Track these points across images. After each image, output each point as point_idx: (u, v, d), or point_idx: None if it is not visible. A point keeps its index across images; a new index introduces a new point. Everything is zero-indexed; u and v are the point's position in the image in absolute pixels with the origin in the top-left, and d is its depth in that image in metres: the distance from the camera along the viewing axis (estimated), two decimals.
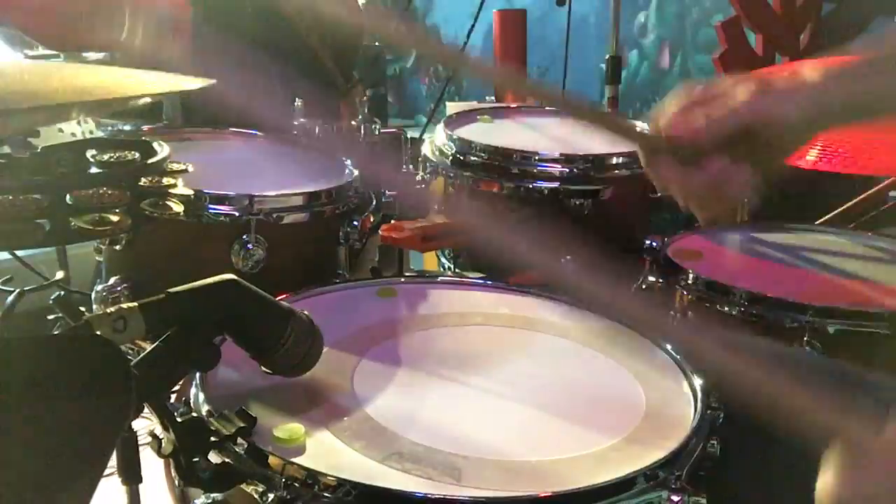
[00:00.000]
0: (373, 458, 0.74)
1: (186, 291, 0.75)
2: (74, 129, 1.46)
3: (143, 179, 0.84)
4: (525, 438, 0.80)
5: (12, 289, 1.37)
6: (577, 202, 1.39)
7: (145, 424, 0.72)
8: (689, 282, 1.23)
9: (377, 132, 1.57)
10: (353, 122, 1.56)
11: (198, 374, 0.81)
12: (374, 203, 1.39)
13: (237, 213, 1.18)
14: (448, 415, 0.83)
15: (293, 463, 0.70)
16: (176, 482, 0.78)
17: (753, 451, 0.90)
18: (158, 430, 0.72)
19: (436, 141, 1.55)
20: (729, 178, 0.76)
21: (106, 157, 0.84)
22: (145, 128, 1.45)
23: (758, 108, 0.75)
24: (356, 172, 1.37)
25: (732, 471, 0.81)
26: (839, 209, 1.82)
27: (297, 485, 0.68)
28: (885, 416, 0.83)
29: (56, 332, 1.27)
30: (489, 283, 1.15)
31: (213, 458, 0.72)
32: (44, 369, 0.60)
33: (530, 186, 1.41)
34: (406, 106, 4.42)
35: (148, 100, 0.83)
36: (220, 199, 1.18)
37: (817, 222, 1.64)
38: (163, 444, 0.72)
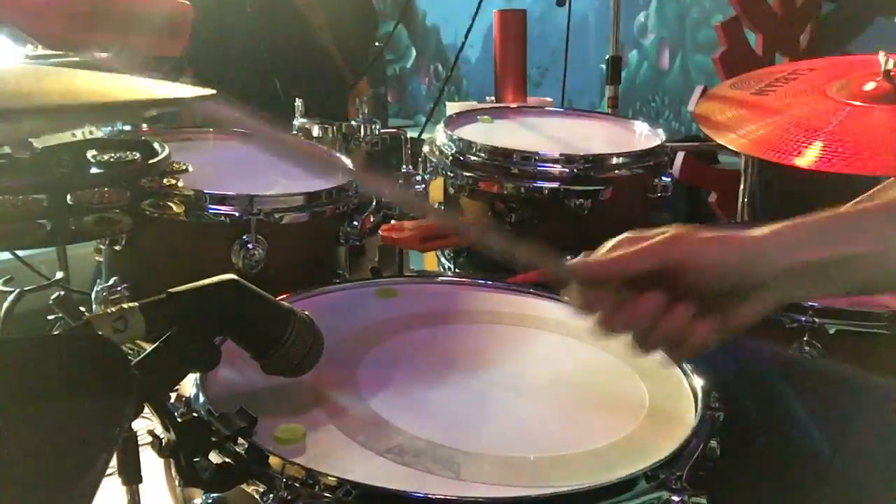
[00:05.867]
0: (374, 451, 0.74)
1: (186, 291, 0.75)
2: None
3: (143, 179, 0.84)
4: (525, 435, 0.80)
5: (12, 289, 1.37)
6: (577, 202, 1.39)
7: (145, 424, 0.72)
8: None
9: (377, 132, 1.56)
10: (352, 123, 1.55)
11: (198, 374, 0.81)
12: (374, 203, 1.39)
13: (237, 213, 1.18)
14: (449, 411, 0.83)
15: (293, 463, 0.70)
16: (176, 482, 0.78)
17: (753, 451, 0.90)
18: (158, 430, 0.72)
19: (436, 141, 1.55)
20: (665, 316, 0.73)
21: (106, 157, 0.84)
22: (145, 128, 1.45)
23: (670, 247, 0.73)
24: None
25: (732, 471, 0.81)
26: None
27: (297, 485, 0.68)
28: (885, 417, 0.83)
29: (56, 332, 1.27)
30: (489, 282, 1.15)
31: (214, 458, 0.72)
32: (44, 369, 0.60)
33: (530, 186, 1.41)
34: (406, 106, 4.42)
35: (154, 112, 0.83)
36: (220, 199, 1.18)
37: None
38: (163, 444, 0.72)
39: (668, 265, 0.73)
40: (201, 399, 0.79)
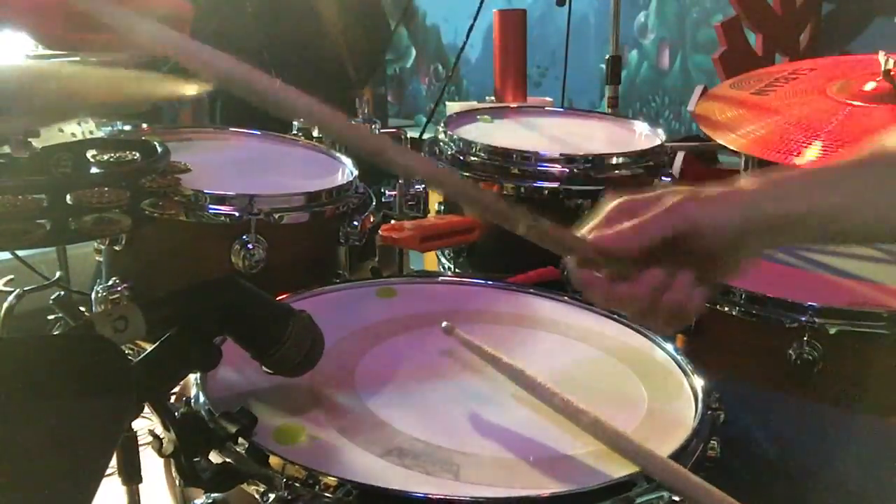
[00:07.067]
0: (373, 453, 0.74)
1: (186, 291, 0.75)
2: (74, 129, 1.46)
3: (143, 179, 0.84)
4: (524, 436, 0.80)
5: (12, 289, 1.37)
6: (577, 202, 1.39)
7: (145, 424, 0.72)
8: None
9: (377, 132, 1.56)
10: (352, 122, 1.56)
11: (198, 374, 0.81)
12: (373, 203, 1.39)
13: (237, 213, 1.18)
14: (448, 412, 0.83)
15: (294, 463, 0.70)
16: (176, 482, 0.78)
17: (753, 450, 0.90)
18: (159, 430, 0.72)
19: (436, 141, 1.55)
20: (667, 289, 0.73)
21: (106, 157, 0.84)
22: (145, 127, 1.45)
23: (684, 210, 0.72)
24: (356, 172, 1.37)
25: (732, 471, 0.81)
26: None
27: (297, 485, 0.68)
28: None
29: (56, 332, 1.27)
30: (489, 282, 1.15)
31: (214, 458, 0.72)
32: (44, 369, 0.60)
33: (530, 186, 1.41)
34: (406, 106, 4.42)
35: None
36: (220, 199, 1.18)
37: None
38: (163, 444, 0.72)
39: (681, 231, 0.72)
40: (201, 399, 0.79)
